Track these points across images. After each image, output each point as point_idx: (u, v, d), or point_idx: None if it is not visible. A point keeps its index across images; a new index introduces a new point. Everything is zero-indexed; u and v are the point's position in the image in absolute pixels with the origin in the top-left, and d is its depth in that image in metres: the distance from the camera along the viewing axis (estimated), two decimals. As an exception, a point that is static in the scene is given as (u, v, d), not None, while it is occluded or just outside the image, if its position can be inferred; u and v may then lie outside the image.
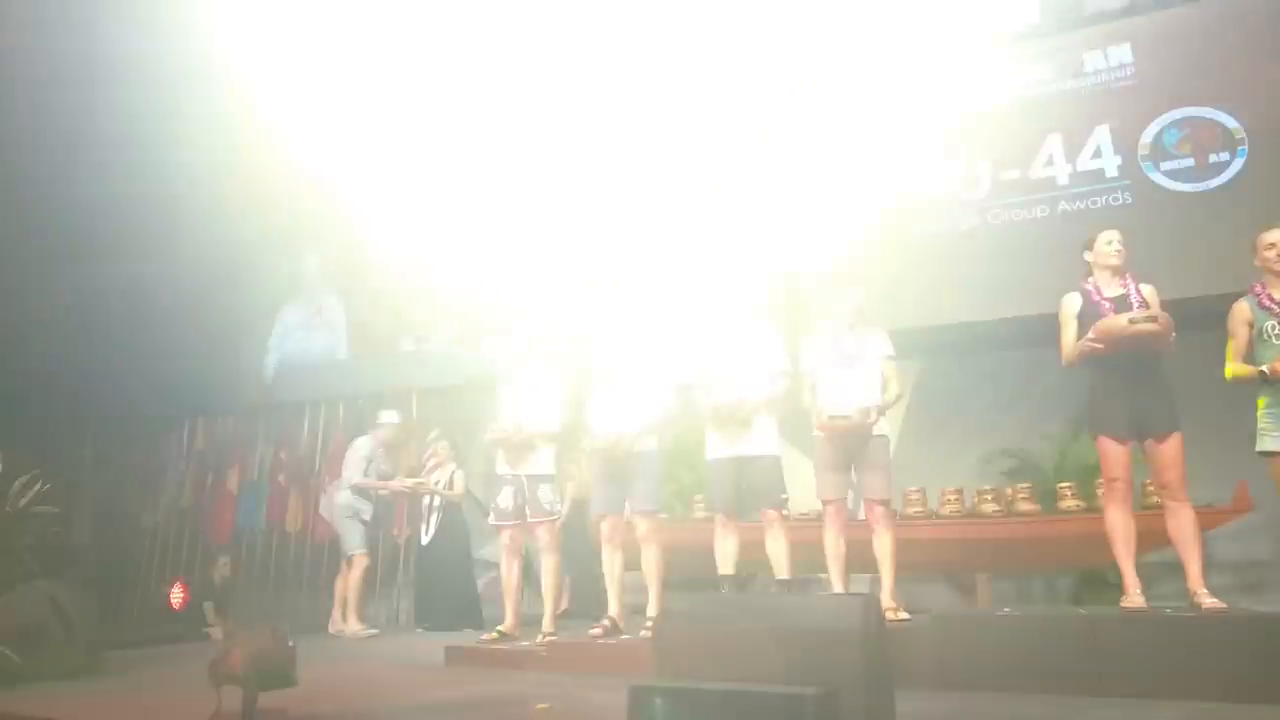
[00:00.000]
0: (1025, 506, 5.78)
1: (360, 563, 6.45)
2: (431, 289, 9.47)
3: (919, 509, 5.94)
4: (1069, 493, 5.72)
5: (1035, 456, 6.42)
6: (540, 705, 3.09)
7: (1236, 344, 3.59)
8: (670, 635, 2.20)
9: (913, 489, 6.03)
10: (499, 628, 4.46)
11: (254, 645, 2.61)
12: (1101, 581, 5.94)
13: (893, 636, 3.48)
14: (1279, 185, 6.48)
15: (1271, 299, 3.49)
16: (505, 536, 4.53)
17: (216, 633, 6.77)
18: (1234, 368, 3.58)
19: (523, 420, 4.47)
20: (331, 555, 8.73)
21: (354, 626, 6.29)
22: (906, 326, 7.28)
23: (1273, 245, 3.53)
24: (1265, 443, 3.45)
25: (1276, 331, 3.43)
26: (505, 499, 4.49)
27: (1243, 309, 3.58)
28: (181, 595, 7.01)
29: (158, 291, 10.23)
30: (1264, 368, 3.42)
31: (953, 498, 5.94)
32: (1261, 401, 3.49)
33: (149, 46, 7.09)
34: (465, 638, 4.64)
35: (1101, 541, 3.74)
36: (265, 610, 8.82)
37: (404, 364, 9.58)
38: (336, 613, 6.47)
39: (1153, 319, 3.38)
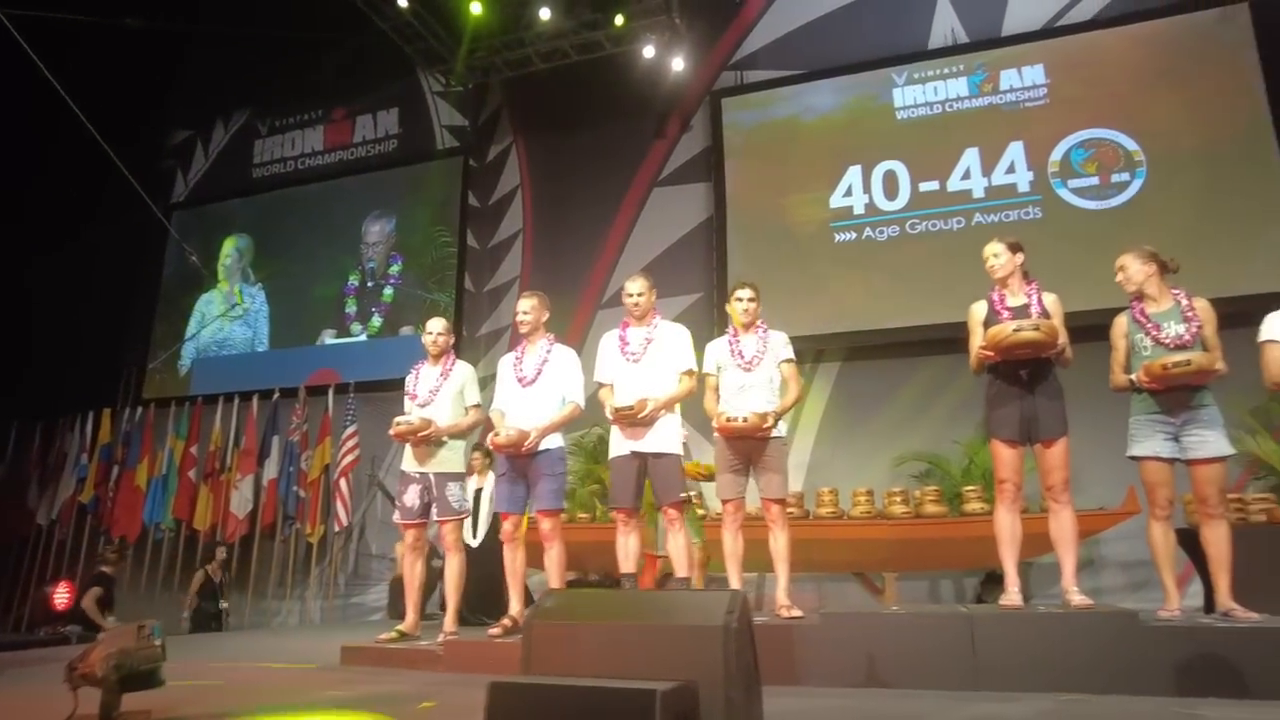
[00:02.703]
0: (933, 508, 5.96)
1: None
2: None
3: (831, 509, 6.08)
4: (974, 495, 5.92)
5: (944, 460, 6.62)
6: (424, 704, 3.05)
7: (1117, 356, 3.76)
8: (539, 632, 2.19)
9: (826, 489, 6.17)
10: (398, 627, 4.38)
11: (116, 645, 2.50)
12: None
13: (784, 634, 3.58)
14: (1173, 206, 6.86)
15: (1143, 313, 3.67)
16: (409, 535, 4.44)
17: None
18: (1113, 378, 3.75)
19: (431, 416, 4.40)
20: (243, 553, 8.53)
21: None
22: (827, 330, 7.51)
23: (1118, 269, 3.73)
24: (1134, 448, 3.62)
25: (1146, 344, 3.61)
26: (411, 497, 4.40)
27: (1120, 323, 3.75)
28: (66, 596, 6.66)
29: (58, 273, 9.79)
30: (1132, 377, 3.59)
31: (863, 498, 6.10)
32: (1134, 409, 3.66)
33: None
34: (362, 638, 4.53)
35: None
36: (175, 610, 8.54)
37: (326, 357, 9.39)
38: None
39: (1035, 328, 3.50)
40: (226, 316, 10.13)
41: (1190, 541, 3.97)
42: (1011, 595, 3.61)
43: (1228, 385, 3.85)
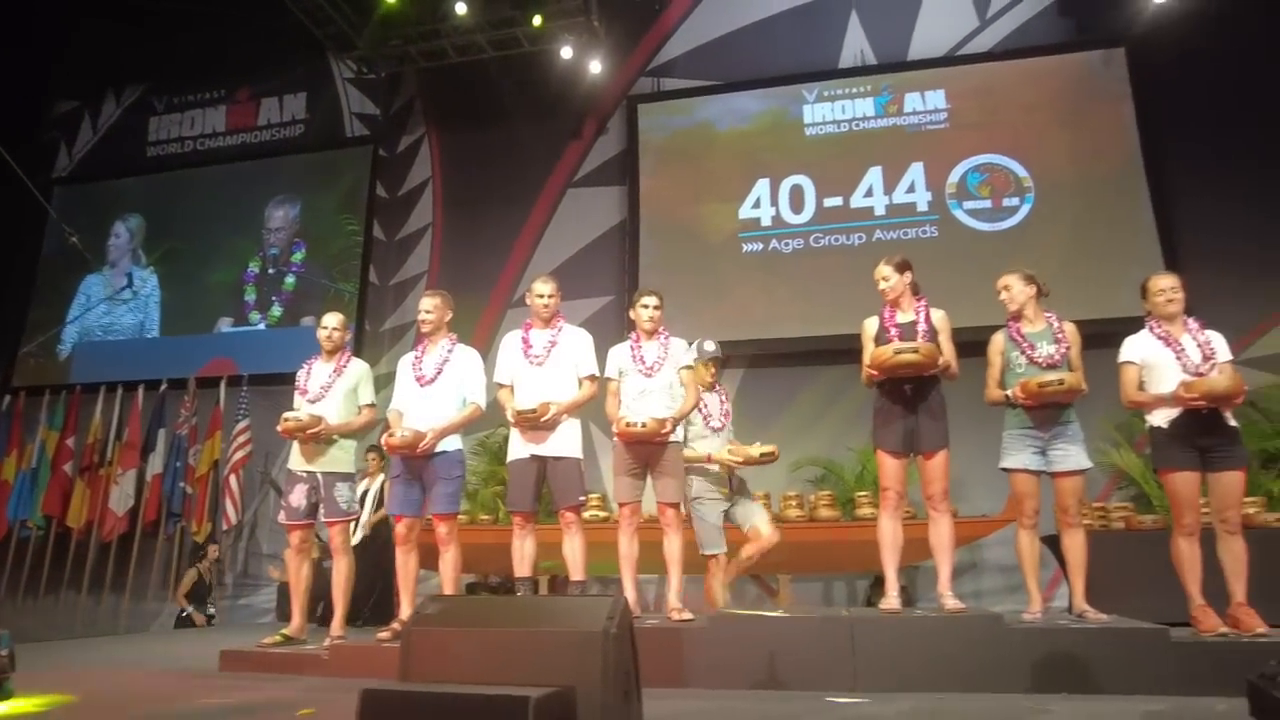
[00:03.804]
0: (826, 512, 6.18)
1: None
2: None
3: (730, 512, 6.21)
4: (866, 501, 6.16)
5: (839, 466, 6.85)
6: (303, 710, 2.97)
7: (992, 371, 3.97)
8: (418, 639, 2.17)
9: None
10: (283, 630, 4.24)
11: (-43, 653, 2.34)
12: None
13: (673, 636, 3.64)
14: (1055, 231, 7.30)
15: (1019, 333, 3.90)
16: (295, 537, 4.30)
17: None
18: (989, 393, 3.97)
19: (322, 413, 4.28)
20: (121, 553, 8.05)
21: None
22: (732, 338, 7.64)
23: (1002, 289, 3.96)
24: (1006, 460, 3.84)
25: (1020, 362, 3.84)
26: (298, 497, 4.26)
27: (997, 341, 3.97)
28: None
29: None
30: (1008, 393, 3.82)
31: (760, 502, 6.25)
32: (1007, 423, 3.88)
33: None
34: (247, 641, 4.36)
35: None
36: (41, 614, 8.03)
37: (222, 346, 8.99)
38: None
39: (914, 350, 3.68)
40: (114, 300, 9.56)
41: (1059, 547, 4.23)
42: (890, 599, 3.77)
43: (1096, 401, 4.14)
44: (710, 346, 4.66)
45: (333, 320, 4.52)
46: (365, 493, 6.24)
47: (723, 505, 4.48)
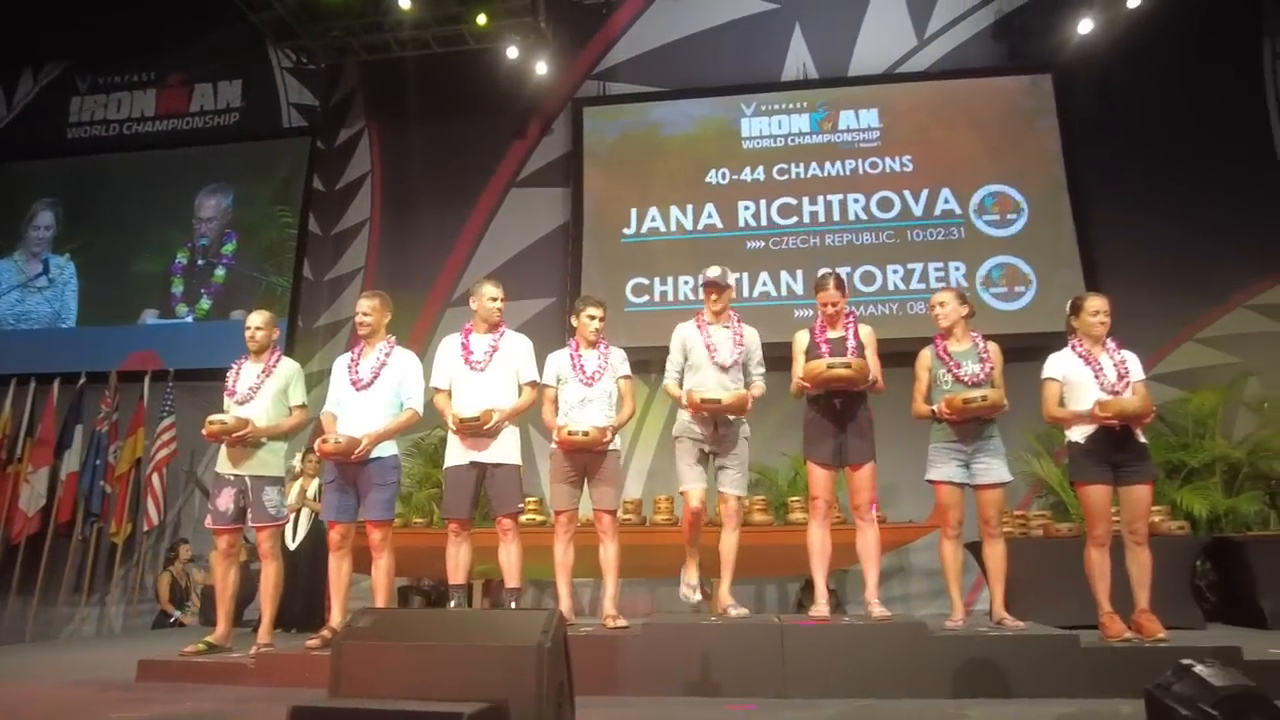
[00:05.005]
0: (760, 517, 6.28)
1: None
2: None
3: (665, 516, 6.28)
4: (798, 506, 6.29)
5: (772, 471, 6.97)
6: (227, 723, 2.90)
7: (919, 386, 4.11)
8: (350, 652, 2.14)
9: (662, 497, 6.37)
10: (206, 638, 4.11)
11: None
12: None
13: (608, 644, 3.67)
14: (980, 252, 7.57)
15: (946, 351, 4.05)
16: (222, 542, 4.18)
17: None
18: (915, 407, 4.11)
19: (250, 415, 4.16)
20: (30, 556, 7.66)
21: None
22: (669, 343, 7.71)
23: (937, 305, 4.11)
24: (931, 472, 3.99)
25: (947, 379, 3.98)
26: (225, 501, 4.13)
27: (924, 357, 4.12)
28: None
29: None
30: (934, 408, 3.96)
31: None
32: (933, 436, 4.03)
33: None
34: (166, 650, 4.21)
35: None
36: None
37: (146, 339, 8.64)
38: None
39: (847, 365, 3.79)
40: (27, 287, 9.11)
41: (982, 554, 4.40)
42: (819, 607, 3.88)
43: (1017, 413, 4.32)
44: (714, 272, 4.30)
45: (256, 319, 4.33)
46: (304, 491, 6.09)
47: (700, 446, 4.10)
